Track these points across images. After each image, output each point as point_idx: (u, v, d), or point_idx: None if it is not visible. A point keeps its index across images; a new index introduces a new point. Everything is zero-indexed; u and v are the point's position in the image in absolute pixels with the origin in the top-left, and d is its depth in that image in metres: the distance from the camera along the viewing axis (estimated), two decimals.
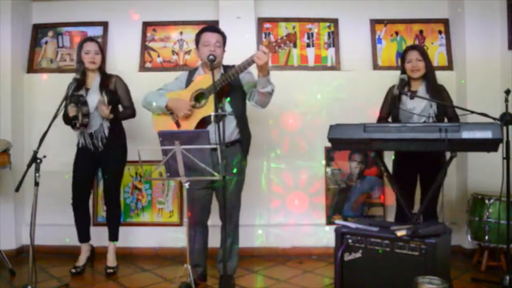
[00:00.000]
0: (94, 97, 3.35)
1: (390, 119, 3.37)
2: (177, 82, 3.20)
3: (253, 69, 2.94)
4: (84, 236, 3.53)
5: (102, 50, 3.50)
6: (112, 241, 3.54)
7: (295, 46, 4.12)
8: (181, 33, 4.22)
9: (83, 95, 3.32)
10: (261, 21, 4.19)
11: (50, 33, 4.27)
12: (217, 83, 2.85)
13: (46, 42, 4.27)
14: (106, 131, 3.37)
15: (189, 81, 3.13)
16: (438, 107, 3.14)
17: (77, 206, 3.46)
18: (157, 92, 3.15)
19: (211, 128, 2.86)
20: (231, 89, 3.01)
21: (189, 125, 3.02)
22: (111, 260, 3.51)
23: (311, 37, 4.19)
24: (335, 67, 4.13)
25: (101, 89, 3.37)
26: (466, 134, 2.54)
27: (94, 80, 3.42)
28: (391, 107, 3.28)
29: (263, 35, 4.18)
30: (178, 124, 3.06)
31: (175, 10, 4.22)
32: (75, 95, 3.26)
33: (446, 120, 3.24)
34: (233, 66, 2.99)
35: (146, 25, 4.23)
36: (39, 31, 4.28)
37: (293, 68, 4.14)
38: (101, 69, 3.48)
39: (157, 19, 4.24)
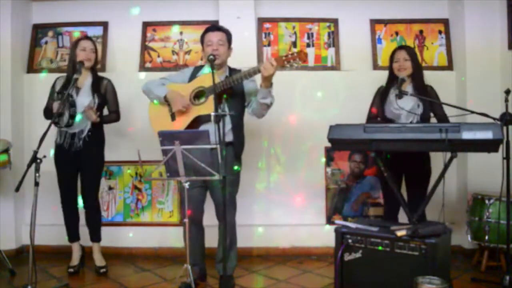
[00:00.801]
0: (84, 99, 3.32)
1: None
2: (181, 75, 3.21)
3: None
4: (73, 235, 3.52)
5: (97, 51, 3.48)
6: (95, 242, 3.52)
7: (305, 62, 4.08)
8: (181, 33, 4.22)
9: (73, 96, 3.28)
10: (261, 21, 4.18)
11: (50, 33, 4.27)
12: (219, 85, 2.85)
13: (46, 42, 4.26)
14: (88, 134, 3.34)
15: (192, 77, 3.14)
16: (424, 108, 3.16)
17: (66, 205, 3.47)
18: (159, 81, 3.17)
19: (206, 127, 2.87)
20: (232, 92, 3.01)
21: (183, 120, 3.02)
22: (99, 260, 3.50)
23: (311, 37, 4.19)
24: (335, 67, 4.13)
25: (93, 92, 3.36)
26: (466, 135, 2.54)
27: (85, 80, 3.38)
28: (379, 105, 3.33)
29: (263, 35, 4.18)
30: (173, 117, 3.06)
31: (175, 10, 4.22)
32: (65, 94, 3.20)
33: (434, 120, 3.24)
34: (239, 70, 2.99)
35: (146, 25, 4.23)
36: (39, 31, 4.27)
37: (293, 68, 4.12)
38: (94, 70, 3.45)
39: (157, 19, 4.24)
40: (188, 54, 4.20)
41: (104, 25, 4.24)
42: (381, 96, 3.32)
